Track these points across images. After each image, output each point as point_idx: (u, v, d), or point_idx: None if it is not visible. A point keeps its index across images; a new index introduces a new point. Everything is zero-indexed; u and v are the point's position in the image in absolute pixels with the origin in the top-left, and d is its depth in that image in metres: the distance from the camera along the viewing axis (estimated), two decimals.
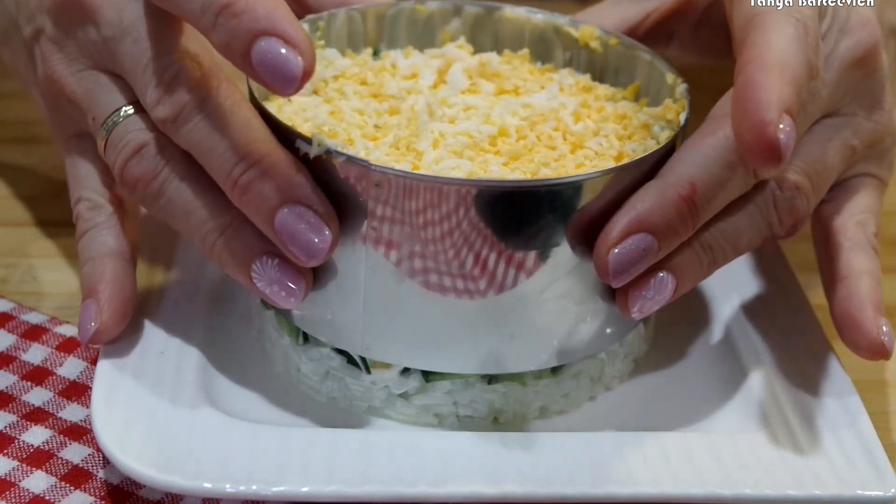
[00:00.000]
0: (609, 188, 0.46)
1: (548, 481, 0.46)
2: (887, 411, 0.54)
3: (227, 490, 0.45)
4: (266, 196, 0.45)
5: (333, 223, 0.46)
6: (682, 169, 0.46)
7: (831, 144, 0.50)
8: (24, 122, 0.73)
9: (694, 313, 0.58)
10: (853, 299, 0.50)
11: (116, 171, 0.49)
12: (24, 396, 0.51)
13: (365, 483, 0.45)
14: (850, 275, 0.51)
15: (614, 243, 0.45)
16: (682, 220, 0.46)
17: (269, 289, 0.47)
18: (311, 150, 0.46)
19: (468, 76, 0.54)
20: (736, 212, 0.48)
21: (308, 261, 0.46)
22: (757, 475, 0.47)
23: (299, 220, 0.45)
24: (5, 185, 0.67)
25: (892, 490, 0.46)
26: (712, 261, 0.48)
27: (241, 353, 0.53)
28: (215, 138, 0.46)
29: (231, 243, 0.47)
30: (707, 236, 0.48)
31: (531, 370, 0.49)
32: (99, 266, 0.51)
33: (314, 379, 0.51)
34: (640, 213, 0.45)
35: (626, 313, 0.48)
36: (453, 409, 0.50)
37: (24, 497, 0.47)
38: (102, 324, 0.50)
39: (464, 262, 0.46)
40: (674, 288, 0.48)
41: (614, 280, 0.46)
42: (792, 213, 0.49)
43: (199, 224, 0.48)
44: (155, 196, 0.48)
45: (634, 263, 0.46)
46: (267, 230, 0.46)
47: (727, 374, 0.53)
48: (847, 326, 0.50)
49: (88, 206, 0.52)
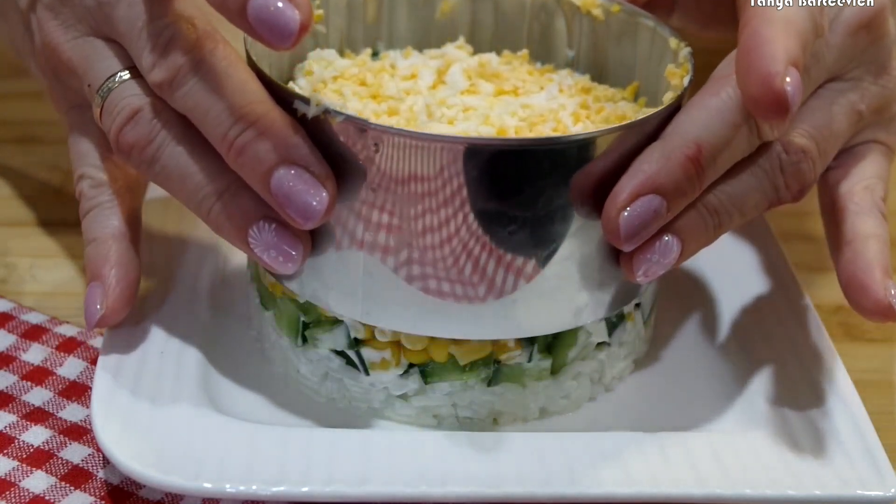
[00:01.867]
0: (612, 149, 0.45)
1: (548, 481, 0.46)
2: (887, 411, 0.54)
3: (227, 490, 0.45)
4: (262, 157, 0.45)
5: (331, 184, 0.45)
6: (687, 129, 0.46)
7: (837, 109, 0.50)
8: (24, 122, 0.73)
9: (694, 314, 0.58)
10: (860, 262, 0.50)
11: (112, 136, 0.48)
12: (24, 396, 0.51)
13: (365, 483, 0.45)
14: (856, 238, 0.50)
15: (623, 205, 0.45)
16: (689, 181, 0.46)
17: (266, 254, 0.46)
18: (308, 111, 0.45)
19: (467, 77, 0.54)
20: (742, 175, 0.48)
21: (305, 223, 0.45)
22: (757, 475, 0.47)
23: (296, 181, 0.45)
24: (5, 185, 0.67)
25: (892, 490, 0.46)
26: (718, 224, 0.48)
27: (241, 353, 0.53)
28: (211, 100, 0.45)
29: (228, 208, 0.47)
30: (713, 199, 0.47)
31: (537, 335, 0.49)
32: (103, 248, 0.51)
33: (313, 380, 0.51)
34: (647, 174, 0.45)
35: (631, 277, 0.47)
36: (452, 410, 0.50)
37: (24, 497, 0.47)
38: (108, 307, 0.50)
39: (465, 222, 0.45)
40: (679, 252, 0.47)
41: (626, 243, 0.46)
42: (798, 177, 0.49)
43: (195, 189, 0.47)
44: (150, 161, 0.48)
45: (645, 225, 0.45)
46: (263, 192, 0.45)
47: (727, 374, 0.53)
48: (854, 288, 0.50)
49: (91, 184, 0.52)
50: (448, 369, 0.49)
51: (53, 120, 0.72)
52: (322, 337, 0.50)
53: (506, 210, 0.45)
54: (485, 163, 0.44)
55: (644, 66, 0.54)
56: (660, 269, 0.47)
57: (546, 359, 0.50)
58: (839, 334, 0.59)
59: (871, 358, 0.58)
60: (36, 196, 0.66)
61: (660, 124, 0.47)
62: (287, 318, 0.51)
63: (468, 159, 0.44)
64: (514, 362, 0.50)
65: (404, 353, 0.49)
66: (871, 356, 0.58)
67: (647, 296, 0.53)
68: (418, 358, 0.49)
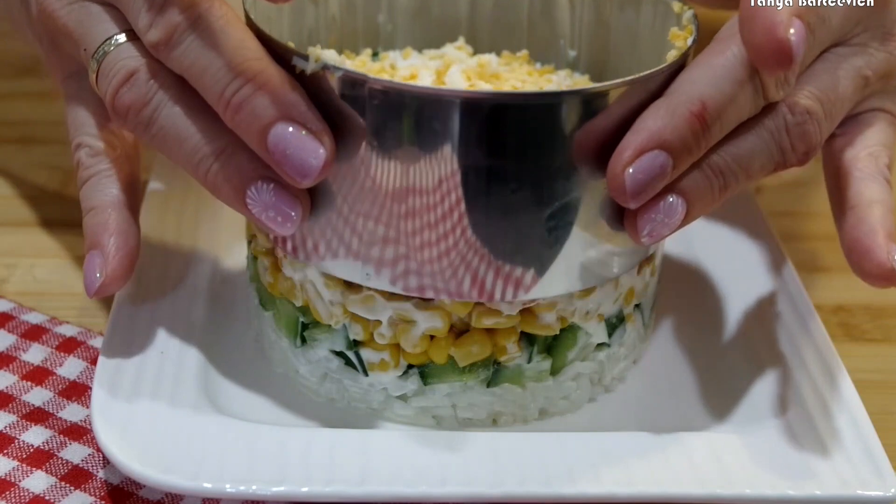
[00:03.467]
0: (615, 105, 0.45)
1: (548, 481, 0.46)
2: (887, 411, 0.54)
3: (227, 490, 0.45)
4: (259, 114, 0.44)
5: (328, 140, 0.45)
6: (692, 87, 0.46)
7: (843, 73, 0.50)
8: (24, 122, 0.74)
9: (694, 314, 0.58)
10: (863, 226, 0.49)
11: (108, 99, 0.48)
12: (24, 396, 0.51)
13: (365, 483, 0.45)
14: (860, 203, 0.50)
15: (629, 161, 0.45)
16: (695, 137, 0.45)
17: (264, 214, 0.46)
18: (307, 67, 0.45)
19: (467, 77, 0.54)
20: (747, 136, 0.48)
21: (302, 180, 0.45)
22: (757, 475, 0.47)
23: (293, 138, 0.44)
24: (5, 185, 0.67)
25: (892, 490, 0.46)
26: (724, 186, 0.47)
27: (241, 353, 0.54)
28: (208, 58, 0.45)
29: (226, 168, 0.46)
30: (718, 160, 0.47)
31: (538, 298, 0.48)
32: (102, 216, 0.50)
33: (312, 380, 0.51)
34: (652, 131, 0.45)
35: (636, 238, 0.47)
36: (452, 411, 0.50)
37: (24, 497, 0.47)
38: (108, 276, 0.49)
39: (466, 179, 0.45)
40: (684, 212, 0.47)
41: (632, 200, 0.45)
42: (804, 139, 0.48)
43: (192, 150, 0.47)
44: (147, 123, 0.47)
45: (651, 182, 0.45)
46: (260, 150, 0.45)
47: (727, 375, 0.53)
48: (856, 253, 0.49)
49: (89, 153, 0.52)
50: (447, 370, 0.49)
51: (53, 120, 0.72)
52: (321, 338, 0.50)
53: (507, 167, 0.45)
54: (486, 117, 0.44)
55: (647, 36, 0.54)
56: (665, 229, 0.46)
57: (546, 360, 0.50)
58: (839, 334, 0.59)
59: (871, 358, 0.58)
60: (36, 196, 0.66)
61: (664, 82, 0.46)
62: (286, 318, 0.51)
63: (469, 114, 0.44)
64: (513, 363, 0.50)
65: (403, 355, 0.49)
66: (871, 356, 0.58)
67: (647, 297, 0.53)
68: (417, 359, 0.49)
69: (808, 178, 0.73)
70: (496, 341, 0.49)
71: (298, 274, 0.50)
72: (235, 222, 0.60)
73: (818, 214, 0.70)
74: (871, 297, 0.62)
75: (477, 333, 0.49)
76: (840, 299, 0.62)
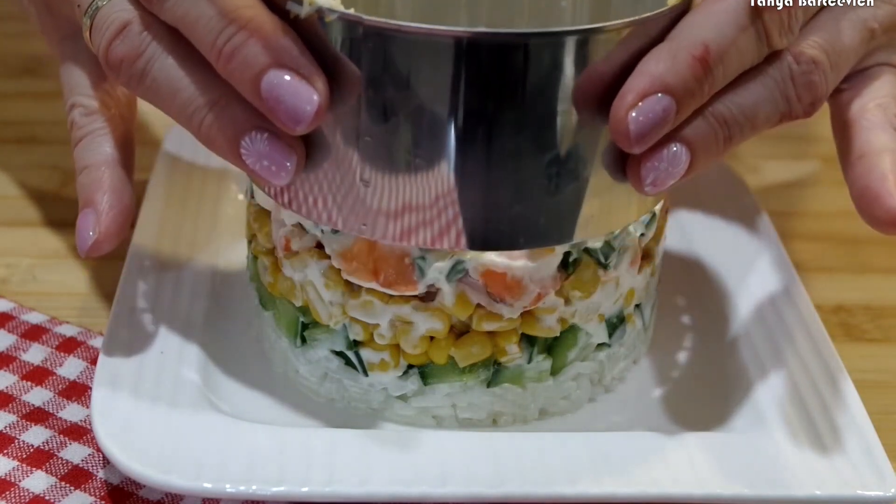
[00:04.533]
0: (617, 49, 0.44)
1: (548, 481, 0.46)
2: (887, 411, 0.54)
3: (227, 490, 0.45)
4: (252, 61, 0.44)
5: (322, 85, 0.44)
6: (694, 31, 0.45)
7: (848, 24, 0.49)
8: (24, 122, 0.74)
9: (694, 314, 0.58)
10: (873, 173, 0.49)
11: (101, 53, 0.48)
12: (24, 396, 0.51)
13: (365, 483, 0.45)
14: (869, 151, 0.50)
15: (631, 105, 0.44)
16: (698, 81, 0.45)
17: (258, 164, 0.45)
18: (301, 11, 0.44)
19: None
20: (751, 85, 0.47)
21: (296, 126, 0.44)
22: (757, 475, 0.47)
23: (286, 84, 0.44)
24: (5, 185, 0.67)
25: (892, 490, 0.46)
26: (728, 136, 0.47)
27: (240, 353, 0.54)
28: (199, 8, 0.45)
29: (220, 119, 0.46)
30: (722, 109, 0.47)
31: (537, 247, 0.48)
32: (95, 174, 0.50)
33: (312, 380, 0.51)
34: (654, 74, 0.44)
35: (639, 187, 0.46)
36: (452, 411, 0.50)
37: (24, 497, 0.47)
38: (101, 233, 0.49)
39: (465, 123, 0.44)
40: (688, 161, 0.46)
41: (635, 144, 0.44)
42: (810, 88, 0.48)
43: (186, 101, 0.46)
44: (140, 76, 0.47)
45: (654, 125, 0.44)
46: (254, 97, 0.44)
47: (727, 374, 0.53)
48: (866, 199, 0.49)
49: (83, 113, 0.51)
50: (447, 371, 0.49)
51: (53, 120, 0.72)
52: (321, 338, 0.50)
53: (508, 110, 0.44)
54: (486, 57, 0.43)
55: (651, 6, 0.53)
56: (668, 178, 0.46)
57: (546, 360, 0.50)
58: (839, 334, 0.59)
59: (871, 358, 0.58)
60: (36, 196, 0.66)
61: (666, 26, 0.46)
62: (286, 318, 0.51)
63: (469, 54, 0.43)
64: (513, 364, 0.50)
65: (403, 355, 0.49)
66: (871, 356, 0.58)
67: (647, 297, 0.53)
68: (417, 359, 0.49)
69: (809, 179, 0.73)
70: (496, 342, 0.49)
71: (298, 274, 0.50)
72: (235, 222, 0.60)
73: (818, 214, 0.70)
74: (871, 297, 0.62)
75: (477, 334, 0.49)
76: (840, 299, 0.62)
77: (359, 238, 0.48)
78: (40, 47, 0.81)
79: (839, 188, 0.64)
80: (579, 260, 0.49)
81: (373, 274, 0.48)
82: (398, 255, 0.48)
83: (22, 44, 0.83)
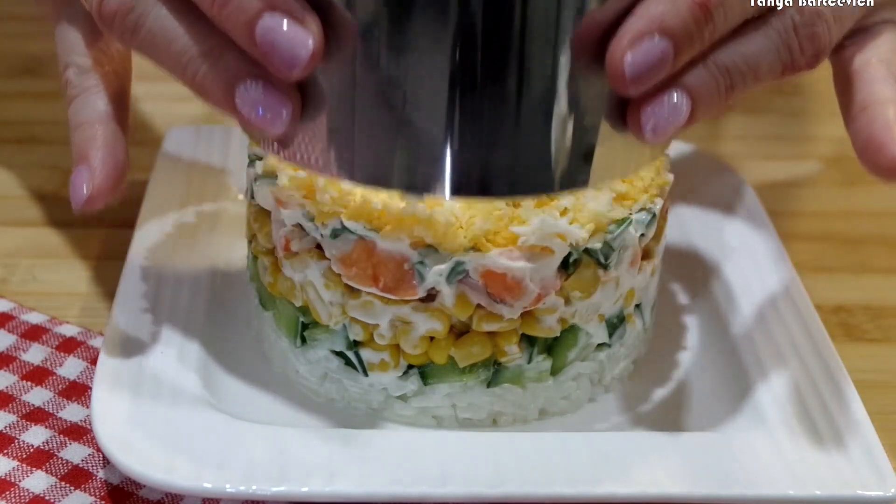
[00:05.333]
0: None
1: (548, 481, 0.46)
2: (887, 411, 0.54)
3: (227, 490, 0.45)
4: (245, 6, 0.43)
5: (316, 29, 0.43)
6: None
7: None
8: (24, 122, 0.74)
9: (694, 314, 0.58)
10: (877, 124, 0.49)
11: (94, 8, 0.47)
12: (24, 396, 0.51)
13: (365, 483, 0.45)
14: (873, 102, 0.50)
15: (629, 46, 0.43)
16: (697, 25, 0.44)
17: (254, 113, 0.45)
18: None
19: None
20: (754, 35, 0.47)
21: (291, 71, 0.44)
22: (757, 475, 0.47)
23: (280, 28, 0.43)
24: (5, 185, 0.67)
25: (892, 490, 0.46)
26: (730, 85, 0.46)
27: (241, 353, 0.53)
28: None
29: (214, 69, 0.45)
30: (724, 58, 0.46)
31: (537, 196, 0.47)
32: (89, 131, 0.50)
33: (312, 380, 0.51)
34: (653, 16, 0.44)
35: (639, 134, 0.45)
36: (452, 411, 0.50)
37: (24, 497, 0.47)
38: (95, 188, 0.49)
39: (462, 68, 0.43)
40: (689, 110, 0.45)
41: (631, 86, 0.44)
42: (813, 40, 0.47)
43: (180, 52, 0.46)
44: (134, 28, 0.46)
45: (651, 67, 0.44)
46: (248, 44, 0.44)
47: (727, 374, 0.53)
48: (871, 149, 0.48)
49: (77, 72, 0.51)
50: (447, 371, 0.49)
51: (53, 120, 0.72)
52: (321, 338, 0.50)
53: (506, 55, 0.43)
54: None
55: None
56: (669, 126, 0.45)
57: (546, 360, 0.50)
58: (839, 334, 0.59)
59: (871, 358, 0.58)
60: (36, 196, 0.66)
61: None
62: (286, 318, 0.51)
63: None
64: (514, 364, 0.50)
65: (403, 355, 0.49)
66: (871, 356, 0.58)
67: (647, 297, 0.53)
68: (417, 359, 0.49)
69: (809, 179, 0.73)
70: (496, 342, 0.49)
71: (298, 275, 0.50)
72: (235, 222, 0.60)
73: (818, 214, 0.70)
74: (871, 297, 0.62)
75: (477, 334, 0.49)
76: (840, 299, 0.62)
77: (358, 243, 0.48)
78: (40, 47, 0.81)
79: (839, 188, 0.64)
80: (579, 260, 0.49)
81: (372, 279, 0.48)
82: (398, 260, 0.48)
83: (22, 44, 0.83)
